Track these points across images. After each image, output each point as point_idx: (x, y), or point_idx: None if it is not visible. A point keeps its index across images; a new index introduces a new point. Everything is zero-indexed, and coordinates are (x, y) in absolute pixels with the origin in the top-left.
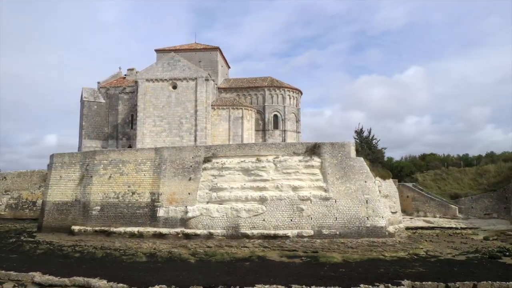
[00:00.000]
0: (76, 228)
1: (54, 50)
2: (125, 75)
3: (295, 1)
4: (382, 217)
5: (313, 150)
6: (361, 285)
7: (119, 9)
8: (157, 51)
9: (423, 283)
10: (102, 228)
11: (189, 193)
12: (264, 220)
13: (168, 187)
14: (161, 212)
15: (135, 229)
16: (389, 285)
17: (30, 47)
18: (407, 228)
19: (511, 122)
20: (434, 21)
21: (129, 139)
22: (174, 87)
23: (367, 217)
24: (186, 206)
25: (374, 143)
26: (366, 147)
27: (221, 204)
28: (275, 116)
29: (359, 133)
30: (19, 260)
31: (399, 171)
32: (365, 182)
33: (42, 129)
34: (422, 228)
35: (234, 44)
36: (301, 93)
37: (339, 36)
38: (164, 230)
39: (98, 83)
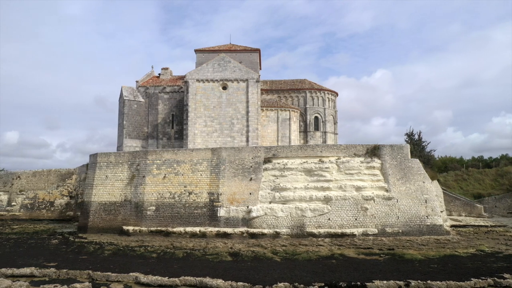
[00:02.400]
0: (130, 228)
1: (13, 43)
2: (159, 74)
3: (265, 2)
4: (440, 215)
5: (373, 151)
6: (472, 279)
7: (83, 4)
8: (196, 51)
9: None
10: (159, 228)
11: (250, 193)
12: (329, 219)
13: (228, 187)
14: (222, 212)
15: (196, 229)
16: (495, 278)
17: None
18: None
19: (470, 125)
20: (399, 26)
21: (169, 139)
22: (224, 87)
23: (427, 216)
24: (248, 206)
25: (424, 145)
26: (417, 149)
27: (284, 203)
28: (316, 118)
29: (410, 135)
30: (94, 262)
31: None
32: (423, 182)
33: (1, 126)
34: (455, 226)
35: (204, 42)
36: (337, 95)
37: (308, 37)
38: (228, 230)
39: (137, 82)
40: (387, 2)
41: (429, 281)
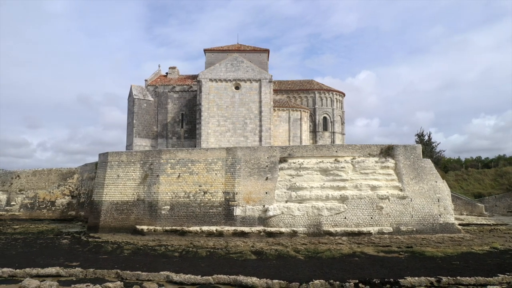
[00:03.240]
0: (144, 227)
1: None
2: (166, 73)
3: (251, 1)
4: (452, 214)
5: (387, 151)
6: (499, 275)
7: (66, 1)
8: (206, 51)
9: None
10: (174, 227)
11: (266, 192)
12: (345, 218)
13: (244, 186)
14: (238, 211)
15: (212, 228)
16: None
17: None
18: None
19: (451, 127)
20: (383, 27)
21: (179, 138)
22: (237, 87)
23: (439, 215)
24: (264, 205)
25: (433, 145)
26: (427, 149)
27: (301, 203)
28: (324, 118)
29: (420, 136)
30: (117, 261)
31: None
32: (436, 182)
33: None
34: (459, 225)
35: (189, 41)
36: (344, 95)
37: (293, 38)
38: (245, 229)
39: (146, 80)
40: (372, 4)
41: (458, 277)
